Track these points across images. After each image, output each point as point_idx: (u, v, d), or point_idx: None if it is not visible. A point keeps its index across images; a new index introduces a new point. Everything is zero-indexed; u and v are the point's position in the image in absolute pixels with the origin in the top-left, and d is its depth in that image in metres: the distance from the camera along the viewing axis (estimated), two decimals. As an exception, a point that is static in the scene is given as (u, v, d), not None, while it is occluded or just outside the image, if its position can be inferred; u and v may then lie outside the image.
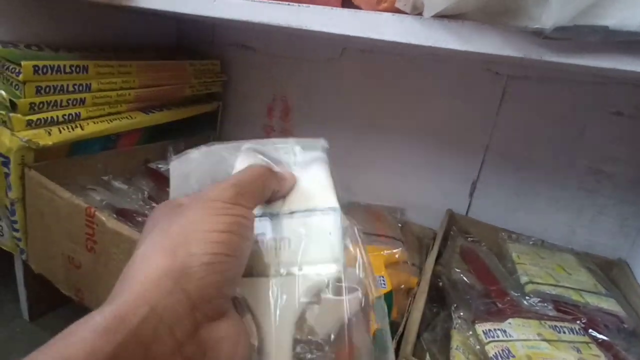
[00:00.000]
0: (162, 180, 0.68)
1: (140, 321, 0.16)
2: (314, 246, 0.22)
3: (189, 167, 0.27)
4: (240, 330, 0.20)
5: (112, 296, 0.17)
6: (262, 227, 0.23)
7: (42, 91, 0.54)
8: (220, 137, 0.88)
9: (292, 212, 0.24)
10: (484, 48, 0.31)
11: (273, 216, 0.24)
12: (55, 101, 0.56)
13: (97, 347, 0.14)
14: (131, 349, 0.15)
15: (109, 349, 0.14)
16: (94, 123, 0.60)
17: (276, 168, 0.25)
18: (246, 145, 0.27)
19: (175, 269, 0.17)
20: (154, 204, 0.60)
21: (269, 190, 0.23)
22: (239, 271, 0.20)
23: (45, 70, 0.54)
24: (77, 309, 0.72)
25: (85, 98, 0.59)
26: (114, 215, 0.52)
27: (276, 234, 0.23)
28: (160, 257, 0.18)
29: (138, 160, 0.71)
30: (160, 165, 0.73)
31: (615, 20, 0.24)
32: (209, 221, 0.19)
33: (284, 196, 0.25)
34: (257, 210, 0.23)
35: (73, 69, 0.57)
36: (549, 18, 0.26)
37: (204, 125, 0.85)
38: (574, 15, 0.25)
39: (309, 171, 0.26)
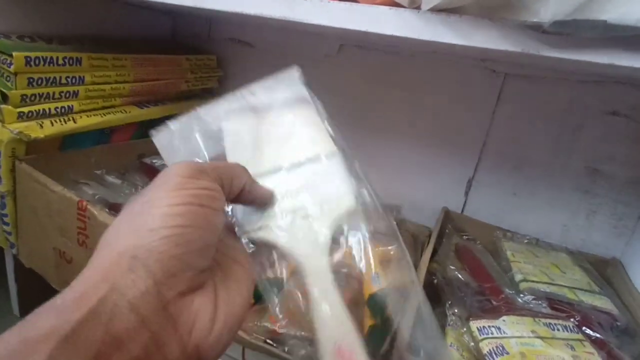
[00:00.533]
0: (156, 176, 0.67)
1: (100, 300, 0.16)
2: (328, 188, 0.24)
3: (174, 140, 0.27)
4: (220, 305, 0.20)
5: (76, 278, 0.17)
6: (278, 180, 0.24)
7: (34, 83, 0.53)
8: (216, 133, 0.88)
9: (300, 163, 0.25)
10: (482, 42, 0.30)
11: (283, 170, 0.25)
12: (48, 93, 0.55)
13: (55, 326, 0.15)
14: (90, 327, 0.15)
15: (68, 327, 0.15)
16: (87, 116, 0.60)
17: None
18: (224, 107, 0.27)
19: (135, 246, 0.17)
20: (147, 199, 0.60)
21: (237, 184, 0.22)
22: (207, 241, 0.19)
23: (37, 61, 0.53)
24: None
25: (78, 91, 0.59)
26: (107, 210, 0.51)
27: (292, 184, 0.24)
28: (121, 237, 0.18)
29: (132, 155, 0.70)
30: (154, 161, 0.72)
31: (614, 14, 0.24)
32: (166, 196, 0.19)
33: (255, 201, 0.24)
34: (267, 167, 0.24)
35: (66, 61, 0.56)
36: (547, 12, 0.25)
37: (200, 121, 0.84)
38: (572, 10, 0.25)
39: (297, 113, 0.27)
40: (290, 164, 0.25)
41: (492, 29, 0.30)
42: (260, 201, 0.24)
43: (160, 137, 0.27)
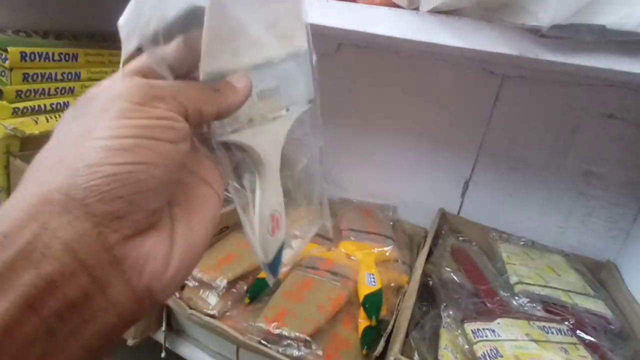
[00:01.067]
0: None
1: (29, 241, 0.14)
2: (295, 89, 0.25)
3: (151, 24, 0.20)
4: (177, 243, 0.18)
5: (3, 208, 0.15)
6: (256, 78, 0.22)
7: (30, 79, 0.53)
8: (213, 131, 0.87)
9: (279, 59, 0.23)
10: (480, 45, 0.30)
11: (263, 66, 0.23)
12: (43, 89, 0.55)
13: None
14: (19, 270, 0.14)
15: None
16: (83, 113, 0.59)
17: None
18: None
19: (70, 184, 0.15)
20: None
21: (209, 110, 0.19)
22: (164, 180, 0.17)
23: (33, 57, 0.52)
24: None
25: (74, 87, 0.58)
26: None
27: (268, 83, 0.23)
28: (52, 171, 0.15)
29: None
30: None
31: (613, 19, 0.24)
32: (107, 126, 0.16)
33: (234, 110, 0.21)
34: (246, 62, 0.22)
35: (62, 56, 0.56)
36: (546, 15, 0.25)
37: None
38: (571, 13, 0.25)
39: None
40: (271, 58, 0.23)
41: (490, 32, 0.30)
42: (239, 106, 0.21)
43: (125, 21, 0.21)
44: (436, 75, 0.65)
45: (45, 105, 0.55)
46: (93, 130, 0.16)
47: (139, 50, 0.19)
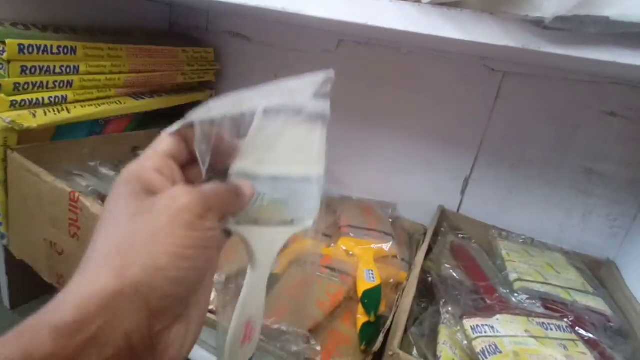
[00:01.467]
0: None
1: (100, 327, 0.16)
2: (303, 206, 0.28)
3: (211, 113, 0.26)
4: (188, 333, 0.21)
5: (76, 284, 0.17)
6: (270, 187, 0.26)
7: (28, 71, 0.52)
8: (212, 127, 0.87)
9: (294, 178, 0.27)
10: (482, 37, 0.30)
11: (280, 179, 0.27)
12: (41, 82, 0.54)
13: (57, 349, 0.15)
14: (88, 352, 0.16)
15: (68, 352, 0.15)
16: (81, 107, 0.59)
17: (245, 187, 0.25)
18: (262, 106, 0.27)
19: (140, 280, 0.18)
20: (141, 192, 0.59)
21: (237, 207, 0.24)
22: (202, 280, 0.21)
23: (31, 49, 0.52)
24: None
25: (72, 80, 0.58)
26: (99, 202, 0.51)
27: (280, 194, 0.27)
28: (128, 265, 0.18)
29: (126, 147, 0.69)
30: (149, 153, 0.71)
31: (617, 10, 0.24)
32: (178, 235, 0.19)
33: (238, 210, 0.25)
34: (267, 172, 0.26)
35: (61, 49, 0.55)
36: (549, 7, 0.25)
37: (196, 114, 0.83)
38: (575, 5, 0.24)
39: (315, 129, 0.29)
40: (288, 175, 0.27)
41: (492, 24, 0.29)
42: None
43: (197, 117, 0.26)
44: (437, 71, 0.65)
45: (43, 99, 0.54)
46: (163, 236, 0.19)
47: (190, 127, 0.24)
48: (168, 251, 0.18)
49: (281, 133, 0.27)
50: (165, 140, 0.24)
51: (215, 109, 0.26)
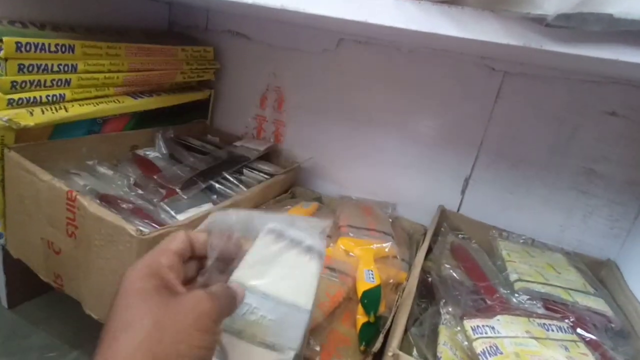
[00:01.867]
0: (149, 168, 0.66)
1: None
2: (287, 335, 0.29)
3: (226, 224, 0.32)
4: None
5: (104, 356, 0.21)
6: (260, 303, 0.29)
7: (25, 69, 0.52)
8: (211, 126, 0.87)
9: (283, 302, 0.30)
10: (483, 36, 0.30)
11: (270, 297, 0.30)
12: (39, 81, 0.54)
13: None
14: None
15: None
16: (79, 105, 0.58)
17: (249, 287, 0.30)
18: (270, 225, 0.33)
19: None
20: (139, 191, 0.58)
21: (227, 313, 0.27)
22: None
23: (28, 47, 0.51)
24: (57, 298, 0.70)
25: (70, 79, 0.57)
26: (97, 201, 0.50)
27: (268, 313, 0.29)
28: (157, 352, 0.21)
29: (125, 146, 0.69)
30: (147, 152, 0.71)
31: (621, 8, 0.23)
32: (198, 337, 0.23)
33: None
34: (261, 287, 0.30)
35: (58, 48, 0.55)
36: (551, 4, 0.25)
37: (195, 114, 0.83)
38: (577, 2, 0.24)
39: (310, 264, 0.32)
40: (278, 296, 0.30)
41: (493, 22, 0.29)
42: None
43: (217, 218, 0.32)
44: (437, 71, 0.64)
45: (41, 97, 0.54)
46: (186, 336, 0.23)
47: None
48: (189, 352, 0.22)
49: (280, 255, 0.31)
50: (178, 239, 0.28)
51: (232, 214, 0.32)
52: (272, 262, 0.31)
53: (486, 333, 0.38)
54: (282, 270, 0.31)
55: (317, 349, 0.40)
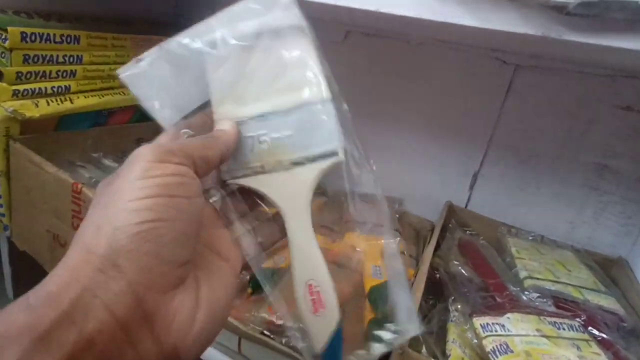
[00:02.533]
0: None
1: (72, 301, 0.15)
2: (315, 137, 0.23)
3: (147, 80, 0.24)
4: (202, 300, 0.19)
5: (50, 274, 0.17)
6: (263, 127, 0.23)
7: (30, 60, 0.52)
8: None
9: (287, 110, 0.23)
10: (501, 25, 0.29)
11: (269, 115, 0.23)
12: (44, 72, 0.53)
13: (29, 325, 0.14)
14: (64, 328, 0.15)
15: (41, 328, 0.14)
16: (85, 97, 0.58)
17: (225, 124, 0.23)
18: (205, 35, 0.24)
19: (102, 245, 0.16)
20: (145, 184, 0.58)
21: (213, 152, 0.21)
22: (182, 232, 0.18)
23: (33, 38, 0.51)
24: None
25: (76, 70, 0.57)
26: (103, 193, 0.50)
27: (278, 131, 0.23)
28: (88, 233, 0.17)
29: (130, 139, 0.69)
30: (153, 145, 0.71)
31: (647, -5, 0.22)
32: (130, 187, 0.17)
33: (225, 158, 0.22)
34: (251, 111, 0.23)
35: (64, 38, 0.54)
36: (574, -9, 0.24)
37: (200, 106, 0.82)
38: (601, -11, 0.23)
39: (289, 47, 0.24)
40: (278, 108, 0.23)
41: (511, 11, 0.28)
42: (241, 148, 0.23)
43: (132, 77, 0.24)
44: (447, 64, 0.63)
45: (46, 88, 0.53)
46: (120, 192, 0.17)
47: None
48: (121, 207, 0.17)
49: (248, 61, 0.23)
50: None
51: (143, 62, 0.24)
52: (244, 76, 0.23)
53: (496, 331, 0.37)
54: (262, 78, 0.23)
55: (324, 344, 0.39)
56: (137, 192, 0.17)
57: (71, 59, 0.56)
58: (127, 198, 0.17)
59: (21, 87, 0.51)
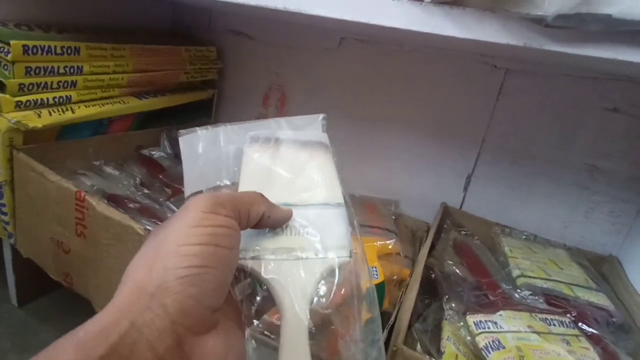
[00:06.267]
0: (154, 167, 0.67)
1: (120, 336, 0.16)
2: (328, 235, 0.25)
3: (197, 145, 0.28)
4: (230, 345, 0.20)
5: (101, 311, 0.18)
6: None
7: (32, 72, 0.53)
8: (215, 126, 0.87)
9: (307, 205, 0.26)
10: (484, 36, 0.30)
11: (290, 206, 0.26)
12: (46, 83, 0.55)
13: (78, 357, 0.15)
14: None
15: None
16: (85, 107, 0.59)
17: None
18: (251, 133, 0.29)
19: (152, 284, 0.17)
20: (145, 191, 0.59)
21: (256, 211, 0.23)
22: (221, 281, 0.20)
23: (35, 50, 0.52)
24: (66, 296, 0.71)
25: (76, 81, 0.58)
26: (105, 201, 0.51)
27: (296, 222, 0.25)
28: (141, 271, 0.18)
29: (130, 146, 0.70)
30: (152, 152, 0.72)
31: (619, 8, 0.24)
32: (183, 233, 0.19)
33: (275, 225, 0.25)
34: (273, 199, 0.25)
35: (64, 50, 0.56)
36: (551, 5, 0.25)
37: (199, 113, 0.84)
38: (576, 3, 0.25)
39: (314, 156, 0.28)
40: (298, 202, 0.26)
41: (494, 23, 0.30)
42: (281, 223, 0.25)
43: (187, 139, 0.29)
44: (439, 69, 0.65)
45: (48, 99, 0.55)
46: (173, 235, 0.19)
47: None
48: (173, 250, 0.18)
49: (279, 159, 0.27)
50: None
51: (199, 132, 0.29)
52: (273, 172, 0.27)
53: (489, 328, 0.38)
54: (288, 173, 0.27)
55: (324, 344, 0.41)
56: (189, 238, 0.19)
57: (72, 70, 0.57)
58: (179, 242, 0.18)
59: (24, 99, 0.52)
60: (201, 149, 0.29)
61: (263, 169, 0.27)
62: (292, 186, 0.26)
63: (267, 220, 0.23)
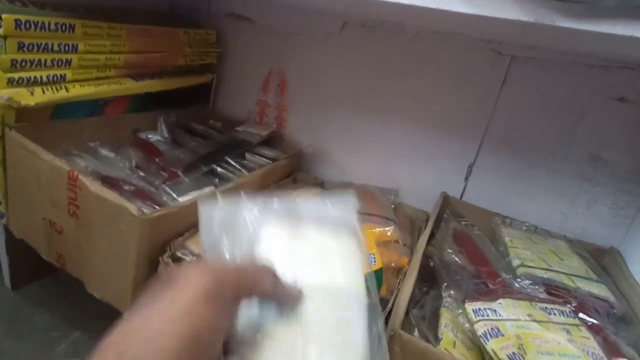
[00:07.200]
0: (150, 151, 0.66)
1: None
2: (337, 342, 0.25)
3: (215, 213, 0.28)
4: None
5: None
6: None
7: (25, 48, 0.51)
8: (214, 111, 0.86)
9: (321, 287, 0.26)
10: (494, 12, 0.29)
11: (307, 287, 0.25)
12: (39, 60, 0.53)
13: None
14: None
15: None
16: (80, 86, 0.58)
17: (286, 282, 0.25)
18: (275, 205, 0.29)
19: None
20: (141, 173, 0.58)
21: (260, 288, 0.23)
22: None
23: (28, 25, 0.51)
24: (60, 279, 0.70)
25: (71, 59, 0.57)
26: (99, 182, 0.50)
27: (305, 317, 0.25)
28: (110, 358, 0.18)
29: (127, 129, 0.69)
30: (150, 136, 0.71)
31: (637, -21, 0.23)
32: (167, 316, 0.19)
33: (280, 302, 0.24)
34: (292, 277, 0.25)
35: (59, 27, 0.54)
36: (566, -24, 0.24)
37: (197, 98, 0.82)
38: (593, -26, 0.23)
39: (340, 242, 0.28)
40: (314, 284, 0.26)
41: (505, -3, 0.28)
42: (287, 302, 0.24)
43: (206, 208, 0.29)
44: (442, 55, 0.63)
45: (41, 77, 0.53)
46: (166, 320, 0.19)
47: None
48: (152, 338, 0.18)
49: (296, 242, 0.27)
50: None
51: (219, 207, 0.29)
52: (291, 250, 0.27)
53: (488, 316, 0.38)
54: (306, 257, 0.27)
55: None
56: (172, 326, 0.18)
57: (66, 48, 0.56)
58: (160, 329, 0.18)
59: (16, 75, 0.51)
60: (219, 219, 0.28)
61: (279, 251, 0.27)
62: (316, 266, 0.27)
63: (273, 296, 0.24)
